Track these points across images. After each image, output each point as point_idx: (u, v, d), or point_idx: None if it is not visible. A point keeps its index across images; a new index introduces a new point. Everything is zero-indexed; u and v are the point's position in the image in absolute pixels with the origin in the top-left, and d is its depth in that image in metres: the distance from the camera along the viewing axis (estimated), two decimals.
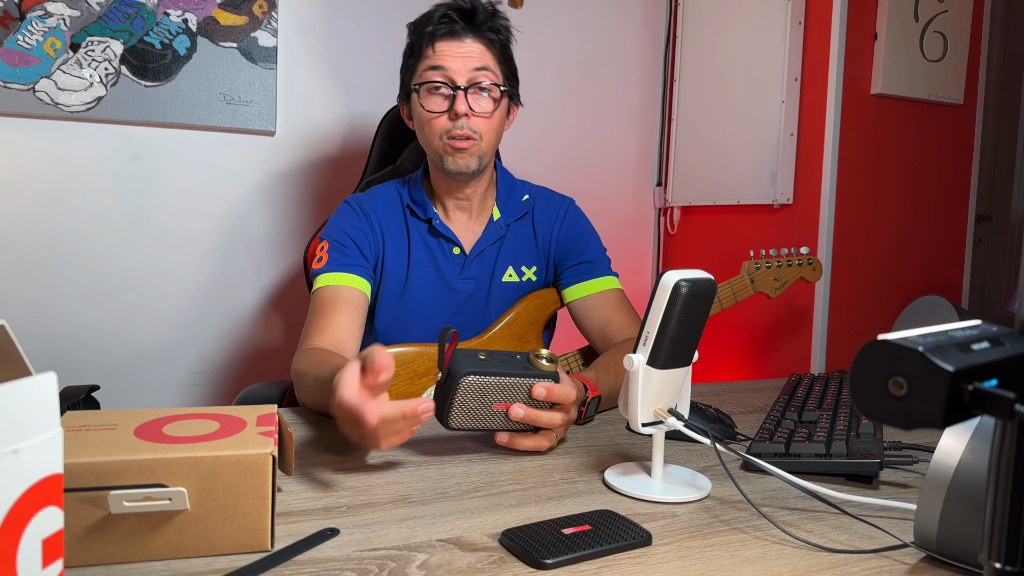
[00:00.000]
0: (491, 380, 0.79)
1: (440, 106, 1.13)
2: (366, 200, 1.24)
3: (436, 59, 1.13)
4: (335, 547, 0.59)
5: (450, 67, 1.12)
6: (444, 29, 1.13)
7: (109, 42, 1.82)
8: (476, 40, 1.14)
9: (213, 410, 0.67)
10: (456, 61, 1.12)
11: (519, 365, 0.82)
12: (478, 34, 1.14)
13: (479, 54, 1.14)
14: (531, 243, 1.28)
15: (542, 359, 0.83)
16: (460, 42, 1.13)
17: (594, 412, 0.97)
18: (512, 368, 0.81)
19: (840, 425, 0.88)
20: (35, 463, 0.38)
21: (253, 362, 2.05)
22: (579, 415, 0.93)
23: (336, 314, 1.10)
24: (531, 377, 0.81)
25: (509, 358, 0.82)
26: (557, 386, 0.82)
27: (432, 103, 1.14)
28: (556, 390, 0.82)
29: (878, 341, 0.38)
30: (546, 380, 0.82)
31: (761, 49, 2.04)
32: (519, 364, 0.82)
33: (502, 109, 1.18)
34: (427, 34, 1.13)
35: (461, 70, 1.12)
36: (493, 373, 0.79)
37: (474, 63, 1.13)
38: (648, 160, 2.52)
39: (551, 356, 0.84)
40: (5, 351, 0.54)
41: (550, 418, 0.83)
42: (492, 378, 0.79)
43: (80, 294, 1.87)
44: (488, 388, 0.80)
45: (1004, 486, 0.37)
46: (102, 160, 1.87)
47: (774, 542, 0.63)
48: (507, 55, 1.19)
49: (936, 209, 2.02)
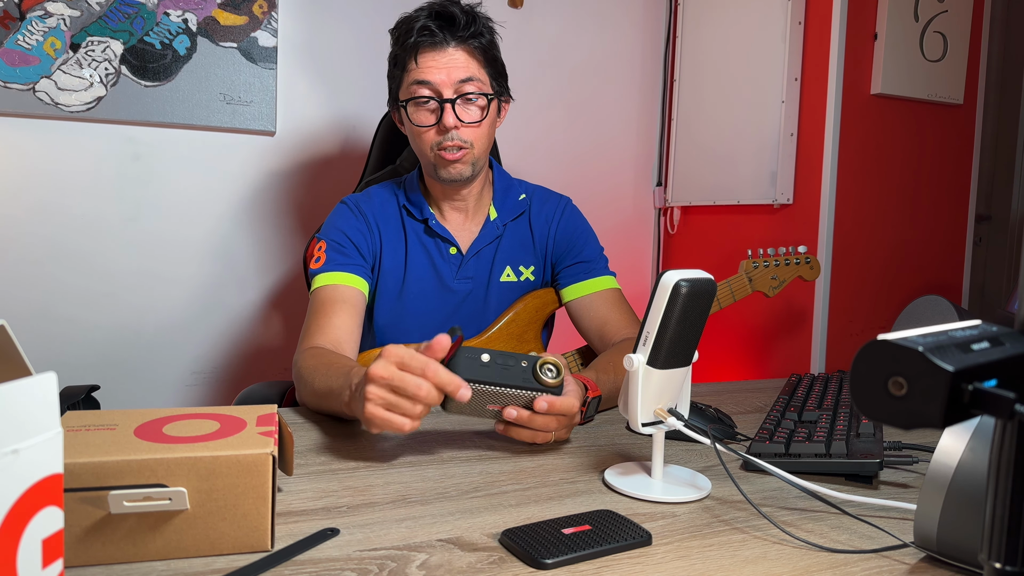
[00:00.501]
0: (489, 388, 0.79)
1: (428, 120, 1.13)
2: (363, 200, 1.24)
3: (420, 72, 1.11)
4: (335, 547, 0.59)
5: (435, 80, 1.11)
6: (426, 41, 1.10)
7: (109, 42, 1.82)
8: (459, 48, 1.12)
9: (213, 410, 0.67)
10: (440, 73, 1.11)
11: (520, 375, 0.79)
12: (460, 41, 1.12)
13: (463, 63, 1.12)
14: (528, 242, 1.28)
15: (548, 373, 0.80)
16: (442, 52, 1.11)
17: (594, 412, 0.97)
18: (513, 379, 0.79)
19: (840, 425, 0.88)
20: (35, 463, 0.38)
21: (253, 362, 2.05)
22: (580, 415, 0.94)
23: (335, 314, 1.10)
24: (531, 391, 0.80)
25: (514, 364, 0.80)
26: (559, 400, 0.80)
27: (420, 117, 1.13)
28: (558, 404, 0.80)
29: (878, 341, 0.38)
30: (547, 393, 0.80)
31: (761, 49, 2.04)
32: (521, 374, 0.79)
33: (492, 113, 1.17)
34: (409, 46, 1.11)
35: (446, 82, 1.11)
36: (492, 383, 0.78)
37: (459, 73, 1.11)
38: (648, 160, 2.52)
39: (558, 367, 0.81)
40: (5, 351, 0.54)
41: (544, 422, 0.82)
42: (490, 387, 0.79)
43: (80, 294, 1.87)
44: (485, 394, 0.79)
45: (1004, 486, 0.37)
46: (102, 160, 1.87)
47: (774, 542, 0.63)
48: (492, 56, 1.16)
49: (936, 209, 2.02)
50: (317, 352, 1.02)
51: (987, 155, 2.16)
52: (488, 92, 1.15)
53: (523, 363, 0.80)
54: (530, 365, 0.80)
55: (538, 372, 0.80)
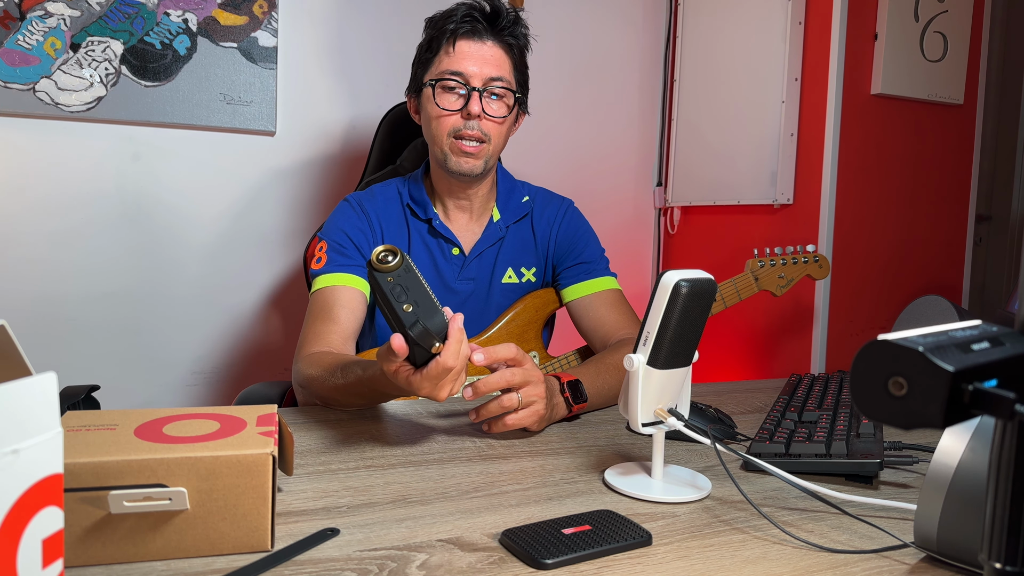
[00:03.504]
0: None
1: (454, 104, 1.14)
2: (366, 198, 1.23)
3: (455, 57, 1.13)
4: (335, 547, 0.59)
5: (467, 67, 1.12)
6: (466, 28, 1.12)
7: (109, 42, 1.82)
8: (496, 44, 1.14)
9: (213, 410, 0.67)
10: (474, 62, 1.12)
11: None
12: (498, 38, 1.14)
13: (498, 59, 1.14)
14: (530, 244, 1.28)
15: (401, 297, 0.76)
16: (481, 43, 1.13)
17: (583, 393, 0.97)
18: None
19: (840, 425, 0.88)
20: (35, 463, 0.38)
21: (253, 362, 2.05)
22: (567, 405, 0.95)
23: (334, 317, 1.10)
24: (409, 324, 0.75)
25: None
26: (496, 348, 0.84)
27: (446, 100, 1.14)
28: (498, 355, 0.84)
29: (878, 341, 0.38)
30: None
31: (761, 49, 2.04)
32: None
33: (512, 115, 1.18)
34: (448, 31, 1.13)
35: (478, 73, 1.12)
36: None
37: (491, 68, 1.13)
38: (648, 160, 2.52)
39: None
40: (5, 351, 0.54)
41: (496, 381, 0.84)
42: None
43: (80, 294, 1.87)
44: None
45: (1004, 486, 0.37)
46: (102, 160, 1.87)
47: (774, 542, 0.63)
48: (523, 62, 1.19)
49: (936, 209, 2.02)
50: (319, 356, 1.02)
51: (987, 155, 2.16)
52: (515, 91, 1.17)
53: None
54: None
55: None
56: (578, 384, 0.97)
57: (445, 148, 1.15)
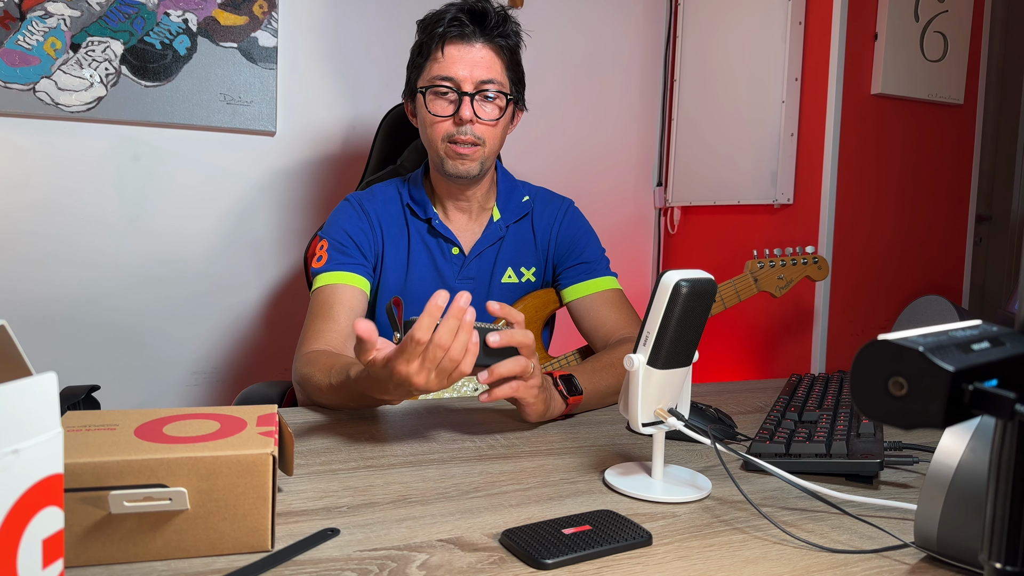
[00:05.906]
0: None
1: (445, 110, 1.13)
2: (366, 198, 1.24)
3: (444, 62, 1.12)
4: (335, 547, 0.59)
5: (458, 72, 1.11)
6: (454, 31, 1.11)
7: (109, 42, 1.82)
8: (485, 45, 1.13)
9: (213, 410, 0.67)
10: (464, 66, 1.11)
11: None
12: (488, 39, 1.13)
13: (488, 61, 1.13)
14: (530, 244, 1.28)
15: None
16: (470, 46, 1.12)
17: (577, 386, 0.98)
18: None
19: (840, 425, 0.88)
20: (35, 463, 0.38)
21: (253, 362, 2.05)
22: (563, 399, 0.95)
23: (334, 316, 1.10)
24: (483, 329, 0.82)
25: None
26: (512, 309, 0.86)
27: (437, 107, 1.13)
28: (511, 312, 0.85)
29: (878, 341, 0.38)
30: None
31: (761, 49, 2.04)
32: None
33: (507, 115, 1.18)
34: (437, 35, 1.12)
35: (468, 77, 1.12)
36: None
37: (482, 71, 1.12)
38: (648, 160, 2.52)
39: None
40: (5, 351, 0.54)
41: (509, 367, 0.84)
42: None
43: (80, 294, 1.87)
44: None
45: (1004, 486, 0.37)
46: (102, 160, 1.87)
47: (774, 542, 0.63)
48: (515, 61, 1.18)
49: (936, 209, 2.02)
50: (317, 356, 1.02)
51: (987, 155, 2.16)
52: (508, 93, 1.16)
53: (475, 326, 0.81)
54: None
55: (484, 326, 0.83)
56: (571, 378, 0.98)
57: (441, 152, 1.15)
